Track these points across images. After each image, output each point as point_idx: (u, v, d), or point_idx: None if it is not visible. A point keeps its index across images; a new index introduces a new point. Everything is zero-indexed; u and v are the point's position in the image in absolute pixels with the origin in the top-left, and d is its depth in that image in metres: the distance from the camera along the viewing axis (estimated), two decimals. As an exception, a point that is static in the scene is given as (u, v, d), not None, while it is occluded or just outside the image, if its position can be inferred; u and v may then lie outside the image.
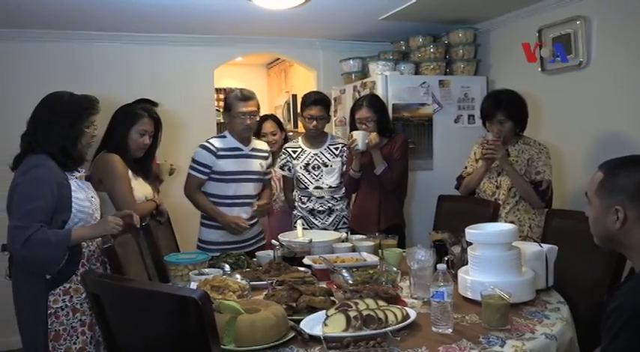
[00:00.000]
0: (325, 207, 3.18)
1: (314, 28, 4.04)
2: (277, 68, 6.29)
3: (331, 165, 3.19)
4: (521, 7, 3.47)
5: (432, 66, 3.84)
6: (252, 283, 2.07)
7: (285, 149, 3.29)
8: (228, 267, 2.30)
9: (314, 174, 3.18)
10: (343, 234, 2.86)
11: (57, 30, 3.75)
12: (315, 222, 3.18)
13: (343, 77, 4.30)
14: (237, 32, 4.08)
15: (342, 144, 3.23)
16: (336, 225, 3.19)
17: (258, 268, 2.38)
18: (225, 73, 6.14)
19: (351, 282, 2.00)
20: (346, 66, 4.24)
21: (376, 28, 3.94)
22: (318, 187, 3.18)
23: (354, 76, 4.18)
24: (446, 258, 2.14)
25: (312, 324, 1.66)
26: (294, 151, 3.24)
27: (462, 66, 3.88)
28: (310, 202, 3.19)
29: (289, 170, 3.26)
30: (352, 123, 3.14)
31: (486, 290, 1.72)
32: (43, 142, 2.05)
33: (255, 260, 2.60)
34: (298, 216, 3.21)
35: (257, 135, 3.34)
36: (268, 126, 3.62)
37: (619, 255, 1.92)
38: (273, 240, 2.65)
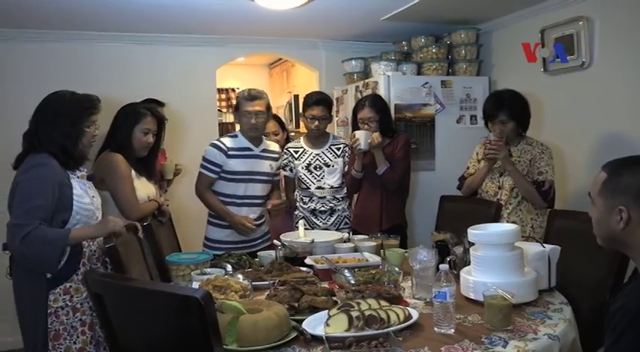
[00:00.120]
0: (327, 207, 3.18)
1: (316, 29, 4.04)
2: (279, 68, 6.29)
3: (333, 166, 3.18)
4: (523, 8, 3.46)
5: (434, 66, 3.84)
6: (254, 283, 2.07)
7: (286, 149, 3.29)
8: (230, 267, 2.30)
9: (316, 174, 3.18)
10: (345, 234, 2.86)
11: (58, 30, 3.76)
12: (317, 222, 3.17)
13: (345, 77, 4.30)
14: (239, 32, 4.08)
15: (344, 145, 3.23)
16: (337, 225, 3.19)
17: (260, 268, 2.38)
18: (228, 73, 6.15)
19: (353, 282, 2.00)
20: (348, 66, 4.24)
21: (378, 28, 3.94)
22: (319, 187, 3.17)
23: (356, 77, 4.18)
24: (448, 259, 2.14)
25: (314, 324, 1.66)
26: (296, 151, 3.24)
27: (464, 66, 3.87)
28: (312, 202, 3.19)
29: (291, 170, 3.26)
30: (354, 124, 3.13)
31: (489, 290, 1.72)
32: (45, 141, 2.05)
33: (257, 260, 2.60)
34: (300, 216, 3.21)
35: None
36: (270, 126, 3.62)
37: (622, 255, 1.92)
38: (275, 240, 2.65)
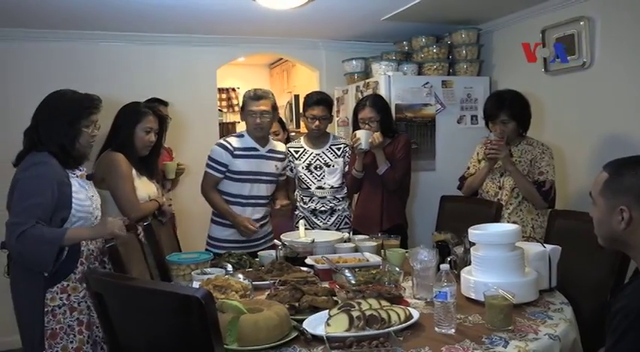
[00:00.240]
0: (327, 207, 3.18)
1: (317, 29, 4.04)
2: (280, 68, 6.29)
3: (333, 166, 3.18)
4: (524, 8, 3.46)
5: (434, 66, 3.83)
6: (255, 283, 2.07)
7: (287, 149, 3.29)
8: (230, 267, 2.30)
9: (316, 174, 3.18)
10: (346, 234, 2.86)
11: (59, 29, 3.76)
12: (317, 222, 3.17)
13: (346, 77, 4.29)
14: (239, 32, 4.08)
15: (345, 145, 3.23)
16: (337, 225, 3.19)
17: (260, 268, 2.38)
18: (228, 73, 6.15)
19: (353, 282, 1.99)
20: (349, 66, 4.24)
21: (379, 28, 3.93)
22: (320, 187, 3.17)
23: (356, 77, 4.18)
24: (449, 259, 2.14)
25: (315, 324, 1.65)
26: (296, 151, 3.24)
27: (465, 66, 3.87)
28: (312, 202, 3.19)
29: (291, 170, 3.25)
30: (355, 124, 3.13)
31: (489, 290, 1.72)
32: (44, 139, 2.05)
33: (257, 260, 2.60)
34: (300, 216, 3.21)
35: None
36: (271, 126, 3.62)
37: (623, 256, 1.92)
38: (276, 240, 2.65)
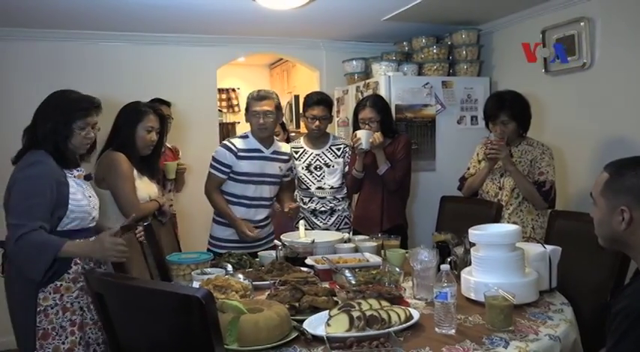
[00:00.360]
0: (327, 208, 3.17)
1: (317, 29, 4.04)
2: (280, 68, 6.29)
3: (333, 166, 3.18)
4: (524, 9, 3.47)
5: (435, 67, 3.83)
6: (255, 283, 2.07)
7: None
8: (230, 267, 2.30)
9: (316, 174, 3.18)
10: (346, 234, 2.86)
11: (59, 29, 3.76)
12: (317, 222, 3.17)
13: (346, 78, 4.29)
14: (240, 32, 4.08)
15: (345, 145, 3.22)
16: (337, 225, 3.18)
17: (260, 268, 2.38)
18: (228, 73, 6.16)
19: (353, 283, 1.99)
20: (349, 66, 4.24)
21: (379, 28, 3.94)
22: (319, 187, 3.17)
23: (356, 77, 4.18)
24: (449, 259, 2.14)
25: (315, 324, 1.65)
26: (296, 151, 3.23)
27: (465, 67, 3.87)
28: (312, 202, 3.18)
29: (291, 170, 3.25)
30: (355, 124, 3.13)
31: (490, 291, 1.72)
32: (41, 137, 2.03)
33: (257, 260, 2.59)
34: (300, 216, 3.21)
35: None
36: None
37: (623, 256, 1.92)
38: (276, 240, 2.65)
